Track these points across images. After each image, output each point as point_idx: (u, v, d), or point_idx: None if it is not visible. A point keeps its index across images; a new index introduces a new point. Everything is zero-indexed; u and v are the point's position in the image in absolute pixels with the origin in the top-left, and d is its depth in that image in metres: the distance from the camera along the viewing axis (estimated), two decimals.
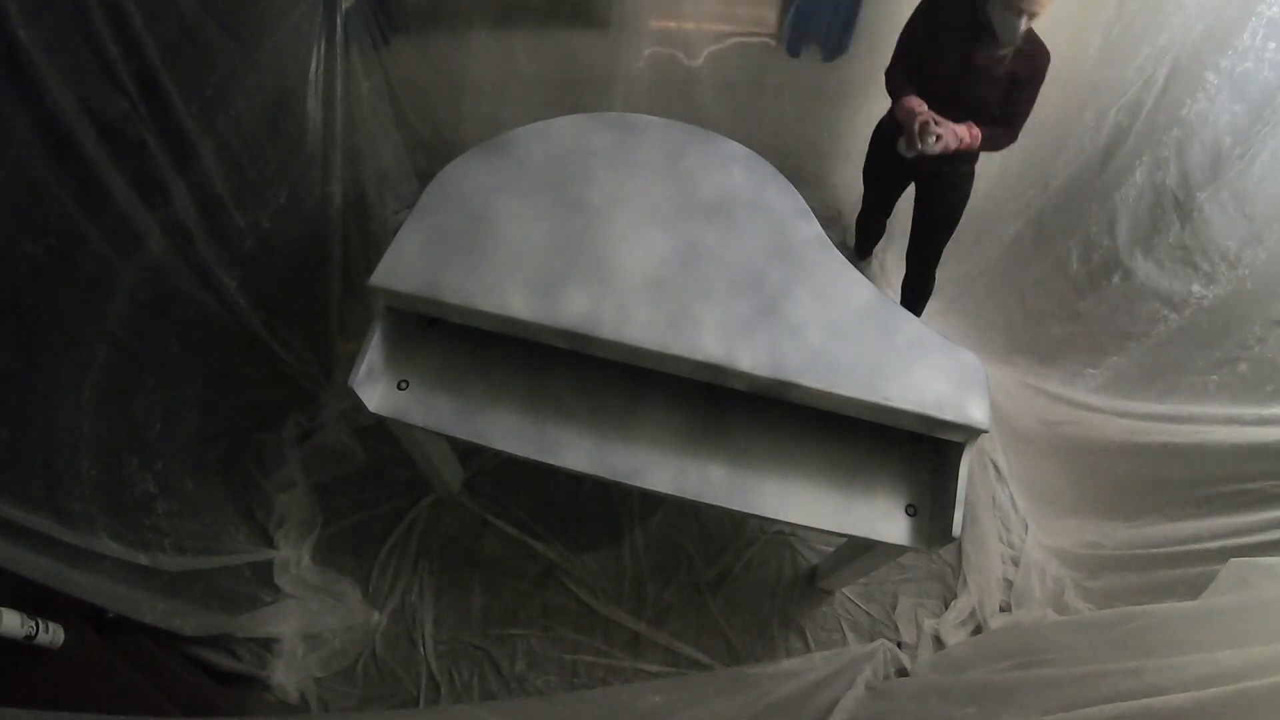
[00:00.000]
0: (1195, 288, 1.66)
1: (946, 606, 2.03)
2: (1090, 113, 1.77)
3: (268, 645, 1.82)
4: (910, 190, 2.17)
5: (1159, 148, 1.67)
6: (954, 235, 2.20)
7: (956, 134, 1.69)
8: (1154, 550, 1.72)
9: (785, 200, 1.63)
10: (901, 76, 1.81)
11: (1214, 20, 1.51)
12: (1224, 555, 1.50)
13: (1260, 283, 1.54)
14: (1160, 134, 1.66)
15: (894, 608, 2.03)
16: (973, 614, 1.99)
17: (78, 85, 1.12)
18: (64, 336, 1.20)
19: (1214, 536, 1.57)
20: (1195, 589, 1.46)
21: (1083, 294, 1.96)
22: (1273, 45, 1.44)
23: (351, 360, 1.50)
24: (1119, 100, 1.71)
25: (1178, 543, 1.66)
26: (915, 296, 2.30)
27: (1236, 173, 1.55)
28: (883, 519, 1.46)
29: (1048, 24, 1.79)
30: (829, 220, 2.87)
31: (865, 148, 2.62)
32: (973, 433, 1.38)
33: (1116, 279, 1.85)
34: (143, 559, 1.32)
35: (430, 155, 2.69)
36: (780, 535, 2.13)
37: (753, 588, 2.05)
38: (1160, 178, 1.69)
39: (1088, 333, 1.96)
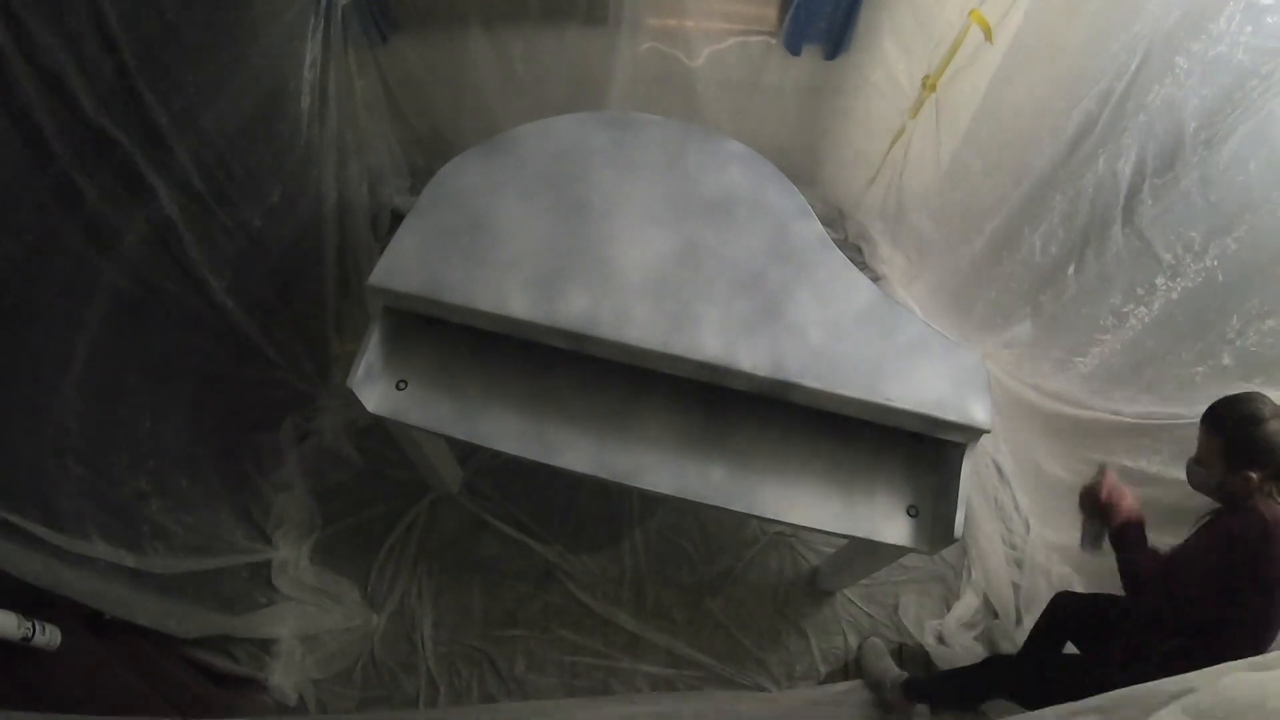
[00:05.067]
0: (1160, 280, 1.63)
1: (949, 607, 2.02)
2: (1063, 102, 1.74)
3: (265, 647, 1.81)
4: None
5: (1123, 135, 1.63)
6: (946, 229, 2.21)
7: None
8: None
9: (786, 199, 1.62)
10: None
11: (1191, 4, 1.47)
12: None
13: (1232, 274, 1.50)
14: (1127, 120, 1.62)
15: (896, 609, 2.02)
16: (976, 616, 1.98)
17: (54, 84, 1.11)
18: (46, 334, 1.19)
19: None
20: None
21: (1045, 287, 1.95)
22: (1249, 29, 1.39)
23: (349, 360, 1.49)
24: (1093, 89, 1.68)
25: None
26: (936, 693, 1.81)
27: (1200, 159, 1.52)
28: (884, 520, 1.45)
29: (1042, 10, 1.76)
30: (829, 220, 2.87)
31: (865, 146, 2.63)
32: (974, 433, 1.37)
33: (1070, 271, 1.83)
34: (130, 560, 1.31)
35: (428, 154, 2.68)
36: (781, 536, 2.12)
37: (753, 589, 2.04)
38: (1120, 165, 1.65)
39: (1059, 326, 1.95)
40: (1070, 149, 1.76)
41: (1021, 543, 2.10)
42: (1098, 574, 1.87)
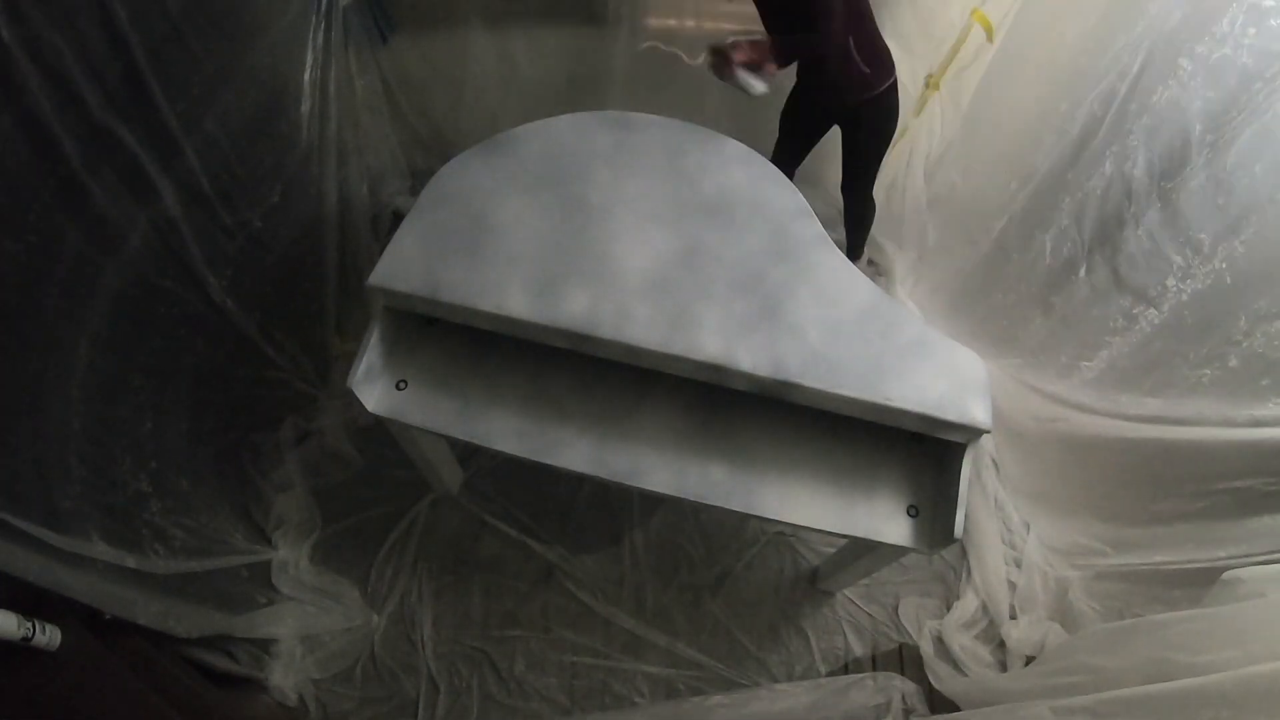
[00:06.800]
0: (1170, 281, 1.63)
1: (949, 608, 2.02)
2: (1065, 103, 1.74)
3: (265, 647, 1.81)
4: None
5: (1128, 137, 1.64)
6: (947, 230, 2.19)
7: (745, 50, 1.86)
8: (1151, 550, 1.71)
9: (786, 199, 1.62)
10: None
11: (1193, 7, 1.47)
12: (1223, 554, 1.50)
13: (1239, 275, 1.50)
14: (1131, 122, 1.63)
15: (896, 609, 2.02)
16: (976, 616, 1.98)
17: (61, 84, 1.11)
18: (47, 334, 1.19)
19: (1213, 537, 1.56)
20: (1195, 590, 1.45)
21: (1056, 289, 1.95)
22: (1252, 31, 1.40)
23: (349, 360, 1.49)
24: (1094, 90, 1.68)
25: (1175, 544, 1.65)
26: (859, 227, 2.50)
27: (1206, 160, 1.52)
28: (884, 520, 1.45)
29: (1037, 7, 1.77)
30: (829, 220, 2.86)
31: None
32: (974, 433, 1.37)
33: (1082, 273, 1.84)
34: (131, 562, 1.31)
35: (428, 153, 2.68)
36: (781, 536, 2.12)
37: (753, 589, 2.04)
38: (1128, 168, 1.65)
39: (1069, 328, 1.95)
40: (1077, 150, 1.76)
41: (1021, 542, 2.10)
42: (1097, 575, 1.87)
